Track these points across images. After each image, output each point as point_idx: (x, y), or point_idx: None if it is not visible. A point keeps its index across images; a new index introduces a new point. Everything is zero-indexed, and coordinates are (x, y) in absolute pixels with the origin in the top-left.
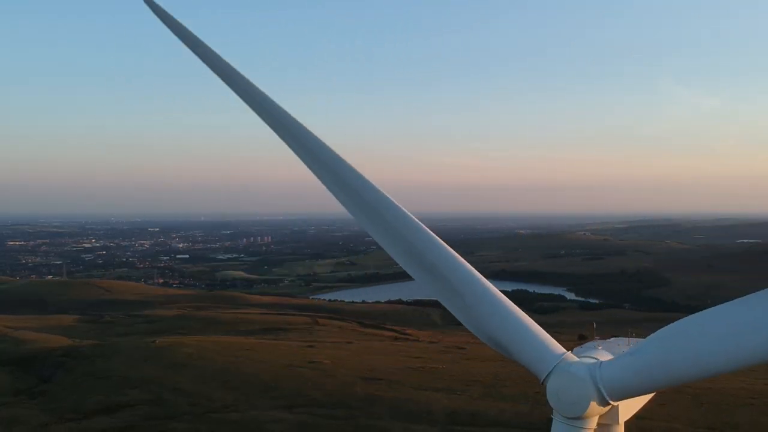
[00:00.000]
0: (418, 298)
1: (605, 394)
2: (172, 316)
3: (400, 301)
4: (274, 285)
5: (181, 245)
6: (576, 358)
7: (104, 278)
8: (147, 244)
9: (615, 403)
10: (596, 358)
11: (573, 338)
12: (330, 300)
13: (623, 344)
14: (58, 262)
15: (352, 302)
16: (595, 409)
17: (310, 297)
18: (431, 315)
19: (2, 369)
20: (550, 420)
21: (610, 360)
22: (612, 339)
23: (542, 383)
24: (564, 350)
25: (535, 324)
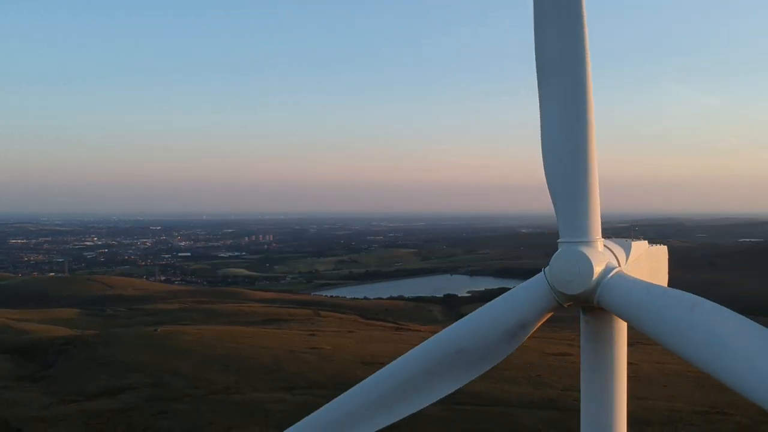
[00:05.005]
0: (420, 294)
1: (575, 239)
2: (174, 309)
3: (401, 297)
4: (276, 282)
5: (183, 243)
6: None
7: (106, 275)
8: (149, 242)
9: (594, 237)
10: None
11: (574, 333)
12: (331, 296)
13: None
14: (60, 260)
15: (354, 298)
16: (595, 255)
17: (312, 293)
18: (432, 311)
19: (4, 357)
20: (552, 400)
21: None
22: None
23: (562, 302)
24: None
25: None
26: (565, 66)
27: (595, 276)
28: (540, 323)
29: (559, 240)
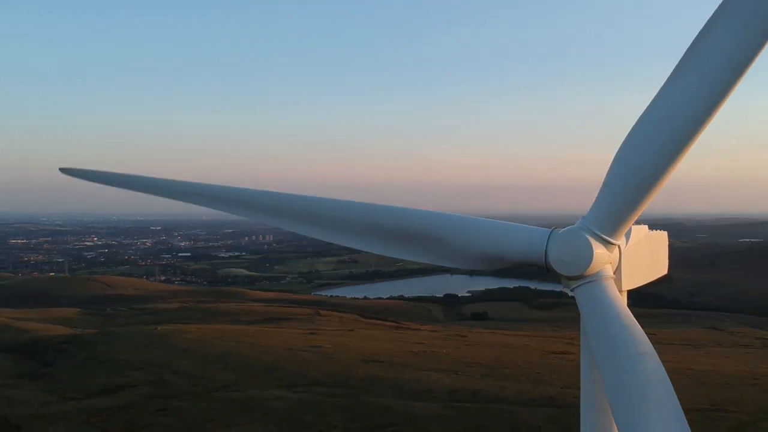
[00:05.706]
0: (420, 294)
1: (599, 233)
2: (174, 309)
3: (401, 297)
4: (276, 282)
5: (182, 243)
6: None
7: (106, 275)
8: (149, 242)
9: (615, 242)
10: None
11: (574, 333)
12: (331, 296)
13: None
14: (60, 260)
15: (354, 298)
16: (602, 256)
17: (312, 293)
18: (432, 310)
19: (4, 355)
20: (552, 398)
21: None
22: None
23: (548, 267)
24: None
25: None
26: (717, 69)
27: (586, 272)
28: (516, 265)
29: (583, 218)
